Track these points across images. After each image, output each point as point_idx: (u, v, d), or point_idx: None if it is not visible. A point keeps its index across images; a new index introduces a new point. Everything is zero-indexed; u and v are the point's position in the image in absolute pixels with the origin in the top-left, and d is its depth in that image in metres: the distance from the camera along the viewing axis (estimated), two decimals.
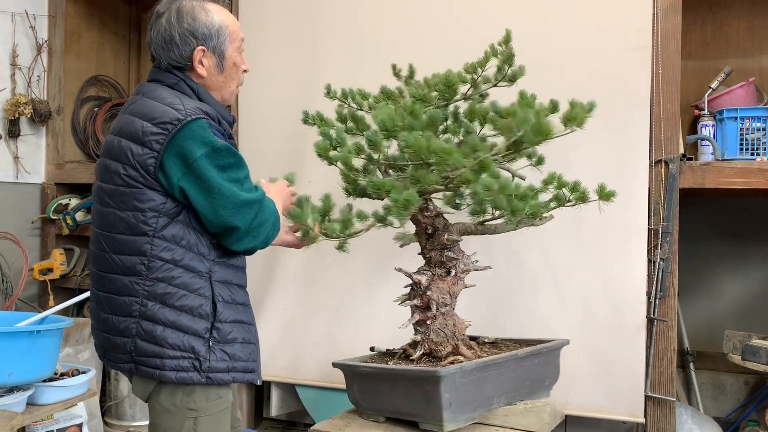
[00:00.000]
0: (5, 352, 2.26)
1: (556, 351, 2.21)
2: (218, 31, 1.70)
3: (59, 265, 3.67)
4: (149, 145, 1.57)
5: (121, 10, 4.44)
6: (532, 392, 2.08)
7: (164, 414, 1.66)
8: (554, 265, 2.77)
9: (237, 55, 1.76)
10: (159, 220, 1.60)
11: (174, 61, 1.70)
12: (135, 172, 1.59)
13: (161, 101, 1.62)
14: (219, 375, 1.64)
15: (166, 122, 1.57)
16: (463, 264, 2.00)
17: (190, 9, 1.69)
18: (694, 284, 3.48)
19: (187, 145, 1.56)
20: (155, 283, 1.61)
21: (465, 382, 1.78)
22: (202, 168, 1.56)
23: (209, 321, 1.63)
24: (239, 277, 1.76)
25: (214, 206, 1.59)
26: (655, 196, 2.67)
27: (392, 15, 3.07)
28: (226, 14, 1.75)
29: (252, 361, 1.74)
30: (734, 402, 3.44)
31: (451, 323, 2.00)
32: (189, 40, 1.68)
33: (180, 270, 1.62)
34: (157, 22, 1.71)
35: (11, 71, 3.64)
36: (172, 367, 1.61)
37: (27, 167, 3.73)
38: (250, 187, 1.67)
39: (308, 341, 3.13)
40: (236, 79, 1.79)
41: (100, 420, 3.08)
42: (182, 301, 1.61)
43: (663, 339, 2.65)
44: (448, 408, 1.71)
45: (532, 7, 2.69)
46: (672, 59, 2.67)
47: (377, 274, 3.01)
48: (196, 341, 1.61)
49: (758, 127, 2.73)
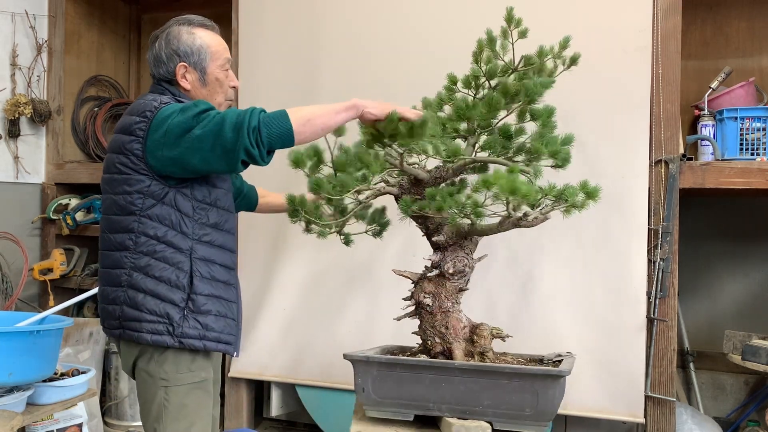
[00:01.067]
0: (5, 352, 2.26)
1: (541, 379, 1.79)
2: (199, 50, 1.92)
3: (59, 265, 3.68)
4: (135, 132, 1.80)
5: (121, 10, 4.44)
6: (508, 417, 1.81)
7: (142, 383, 1.86)
8: (554, 265, 2.77)
9: (220, 71, 1.96)
10: (145, 201, 1.82)
11: (162, 76, 1.94)
12: (126, 158, 1.82)
13: (144, 98, 1.88)
14: (190, 341, 1.82)
15: (145, 111, 1.81)
16: (453, 265, 1.98)
17: (177, 33, 1.93)
18: (694, 284, 3.48)
19: (161, 118, 1.78)
20: (140, 257, 1.82)
21: (383, 375, 1.92)
22: (172, 124, 1.75)
23: (185, 292, 1.83)
24: (223, 257, 1.92)
25: (185, 150, 1.73)
26: (655, 196, 2.67)
27: (390, 19, 3.08)
28: (211, 36, 1.96)
29: (227, 333, 1.90)
30: (734, 402, 3.44)
31: (444, 324, 1.99)
32: (173, 57, 1.92)
33: (162, 245, 1.82)
34: (153, 44, 1.96)
35: (11, 71, 3.64)
36: (148, 330, 1.81)
37: (27, 167, 3.74)
38: (215, 112, 1.76)
39: (308, 341, 3.13)
40: (221, 93, 1.99)
41: (100, 420, 3.08)
42: (162, 273, 1.82)
43: (663, 339, 2.65)
44: (361, 394, 1.94)
45: (532, 7, 2.69)
46: (672, 59, 2.67)
47: (377, 275, 3.01)
48: (172, 309, 1.81)
49: (758, 127, 2.73)
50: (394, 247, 2.90)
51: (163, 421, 1.82)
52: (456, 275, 1.98)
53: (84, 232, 3.79)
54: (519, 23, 1.98)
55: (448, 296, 2.00)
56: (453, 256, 1.98)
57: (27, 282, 3.49)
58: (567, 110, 2.18)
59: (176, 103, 1.84)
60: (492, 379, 1.82)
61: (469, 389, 1.83)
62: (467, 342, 2.00)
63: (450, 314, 2.00)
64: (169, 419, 1.82)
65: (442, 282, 2.00)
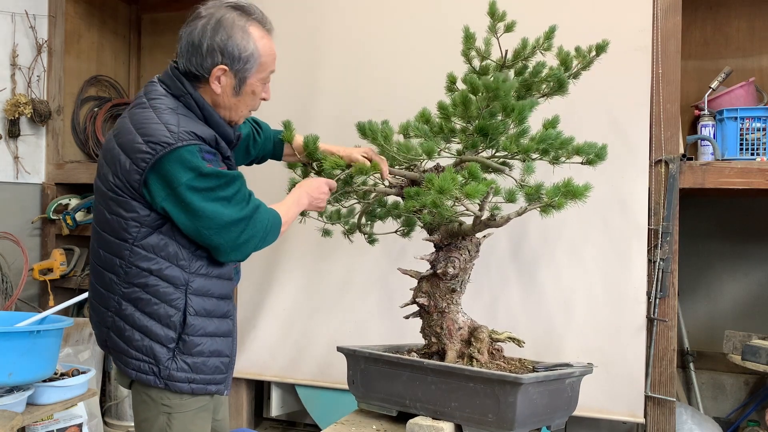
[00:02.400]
0: (5, 352, 2.26)
1: (499, 384, 1.71)
2: (248, 58, 1.63)
3: (59, 265, 3.68)
4: (136, 162, 1.56)
5: (121, 10, 4.44)
6: (474, 421, 1.76)
7: (142, 404, 1.69)
8: (554, 265, 2.77)
9: (259, 84, 1.71)
10: (141, 230, 1.61)
11: (193, 68, 1.63)
12: (121, 182, 1.59)
13: (159, 116, 1.59)
14: (177, 384, 1.65)
15: (155, 143, 1.54)
16: (445, 265, 1.97)
17: (230, 24, 1.62)
18: (694, 284, 3.48)
19: (173, 170, 1.55)
20: (131, 287, 1.63)
21: (369, 369, 1.96)
22: (185, 193, 1.56)
23: (176, 332, 1.64)
24: (222, 288, 1.73)
25: (197, 227, 1.59)
26: (655, 196, 2.67)
27: (390, 19, 3.08)
28: (265, 42, 1.67)
29: (218, 374, 1.72)
30: (734, 402, 3.44)
31: (439, 324, 1.99)
32: (215, 54, 1.61)
33: (155, 278, 1.62)
34: (193, 23, 1.63)
35: (11, 71, 3.64)
36: (133, 367, 1.65)
37: (27, 167, 3.73)
38: (241, 199, 1.64)
39: (308, 341, 3.13)
40: (250, 105, 1.74)
41: (100, 420, 3.08)
42: (153, 309, 1.62)
43: (663, 339, 2.65)
44: (352, 385, 2.02)
45: (531, 8, 2.69)
46: (672, 59, 2.67)
47: (377, 275, 3.01)
48: (159, 348, 1.63)
49: (758, 127, 2.73)
50: (394, 247, 2.90)
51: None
52: (448, 275, 1.96)
53: (84, 232, 3.79)
54: (503, 16, 1.99)
55: (443, 296, 1.99)
56: (446, 256, 1.98)
57: (27, 282, 3.48)
58: (567, 110, 2.18)
59: (194, 150, 1.56)
60: (458, 382, 1.78)
61: (440, 390, 1.82)
62: (464, 343, 1.99)
63: (446, 315, 1.99)
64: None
65: (437, 282, 2.00)
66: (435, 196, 1.71)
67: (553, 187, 1.76)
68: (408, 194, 1.85)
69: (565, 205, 1.76)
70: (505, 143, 1.88)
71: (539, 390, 1.78)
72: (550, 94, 2.08)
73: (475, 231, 1.93)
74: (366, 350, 1.99)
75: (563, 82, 2.03)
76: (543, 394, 1.79)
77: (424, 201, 1.76)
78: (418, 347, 2.11)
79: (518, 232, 2.80)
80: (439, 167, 2.01)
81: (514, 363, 2.00)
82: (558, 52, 2.06)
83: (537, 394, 1.77)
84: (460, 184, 1.74)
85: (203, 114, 1.65)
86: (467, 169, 1.80)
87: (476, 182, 1.75)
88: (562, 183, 1.76)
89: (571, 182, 1.75)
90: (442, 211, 1.74)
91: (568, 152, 1.92)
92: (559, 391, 1.88)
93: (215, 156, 1.62)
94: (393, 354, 1.98)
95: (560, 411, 1.91)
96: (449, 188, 1.69)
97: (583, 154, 1.93)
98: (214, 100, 1.68)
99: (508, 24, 1.99)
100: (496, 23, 1.99)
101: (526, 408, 1.73)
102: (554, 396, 1.86)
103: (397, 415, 1.94)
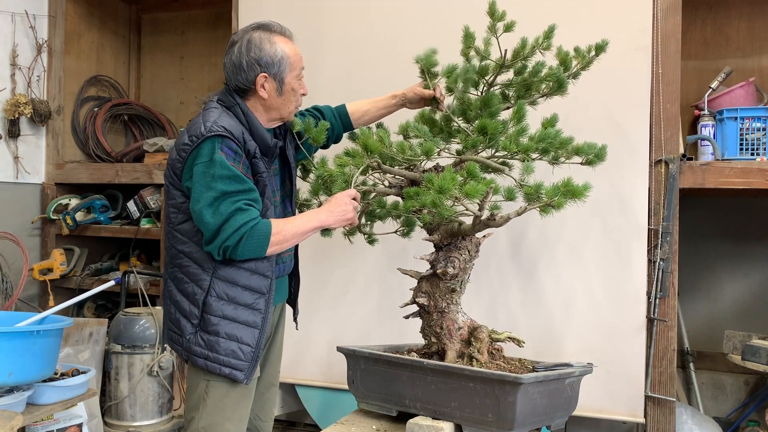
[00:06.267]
0: (5, 352, 2.26)
1: (499, 384, 1.72)
2: (280, 61, 1.93)
3: (59, 265, 3.68)
4: (180, 153, 1.86)
5: (121, 10, 4.44)
6: (474, 421, 1.76)
7: (192, 368, 1.93)
8: (554, 265, 2.77)
9: (296, 81, 1.98)
10: (178, 215, 1.89)
11: (241, 84, 1.93)
12: (170, 173, 1.90)
13: (203, 116, 1.88)
14: (194, 358, 1.87)
15: (192, 135, 1.83)
16: (444, 265, 1.97)
17: (259, 41, 1.93)
18: (694, 284, 3.48)
19: (199, 155, 1.82)
20: (173, 267, 1.92)
21: (369, 369, 1.99)
22: (197, 171, 1.81)
23: (199, 309, 1.86)
24: (250, 280, 1.88)
25: (192, 201, 1.82)
26: (655, 196, 2.67)
27: (390, 16, 3.07)
28: (290, 46, 1.97)
29: (234, 359, 1.87)
30: (734, 402, 3.44)
31: (439, 324, 1.99)
32: (254, 67, 1.91)
33: (188, 260, 1.88)
34: (230, 49, 1.95)
35: (11, 71, 3.64)
36: (168, 337, 1.96)
37: (27, 167, 3.74)
38: (224, 197, 1.77)
39: (308, 341, 3.13)
40: (294, 102, 2.00)
41: (100, 420, 3.08)
42: (184, 287, 1.89)
43: (663, 339, 2.65)
44: (352, 385, 2.05)
45: (531, 8, 2.69)
46: (672, 59, 2.67)
47: (377, 275, 3.01)
48: (186, 323, 1.88)
49: (758, 127, 2.73)
50: (394, 248, 2.90)
51: (199, 411, 1.90)
52: (448, 275, 1.96)
53: (84, 232, 3.79)
54: (503, 16, 2.00)
55: (443, 296, 1.99)
56: (446, 256, 1.97)
57: (27, 282, 3.49)
58: (567, 110, 2.18)
59: (217, 142, 1.79)
60: (458, 381, 1.79)
61: (440, 389, 1.82)
62: (463, 343, 1.99)
63: (445, 315, 1.99)
64: (205, 412, 1.90)
65: (436, 282, 2.00)
66: (434, 196, 1.71)
67: (553, 187, 1.77)
68: (407, 194, 1.85)
69: (565, 204, 1.77)
70: (504, 143, 1.88)
71: (539, 390, 1.78)
72: (549, 94, 2.08)
73: (474, 231, 1.93)
74: (366, 350, 1.99)
75: (563, 82, 2.03)
76: (543, 394, 1.79)
77: (424, 201, 1.76)
78: (418, 347, 2.11)
79: (518, 232, 2.80)
80: (439, 167, 2.01)
81: (513, 363, 2.00)
82: (557, 52, 2.07)
83: (537, 393, 1.77)
84: (460, 183, 1.74)
85: (247, 120, 1.91)
86: (466, 169, 1.81)
87: (476, 182, 1.75)
88: (562, 183, 1.76)
89: (570, 182, 1.76)
90: (442, 210, 1.75)
91: (567, 152, 1.93)
92: (558, 391, 1.88)
93: (237, 155, 1.82)
94: (393, 354, 1.98)
95: (560, 411, 1.91)
96: (449, 188, 1.70)
97: (582, 155, 1.93)
98: (264, 105, 1.96)
99: (508, 24, 1.99)
100: (496, 23, 1.99)
101: (526, 408, 1.73)
102: (554, 396, 1.86)
103: (397, 415, 1.94)
